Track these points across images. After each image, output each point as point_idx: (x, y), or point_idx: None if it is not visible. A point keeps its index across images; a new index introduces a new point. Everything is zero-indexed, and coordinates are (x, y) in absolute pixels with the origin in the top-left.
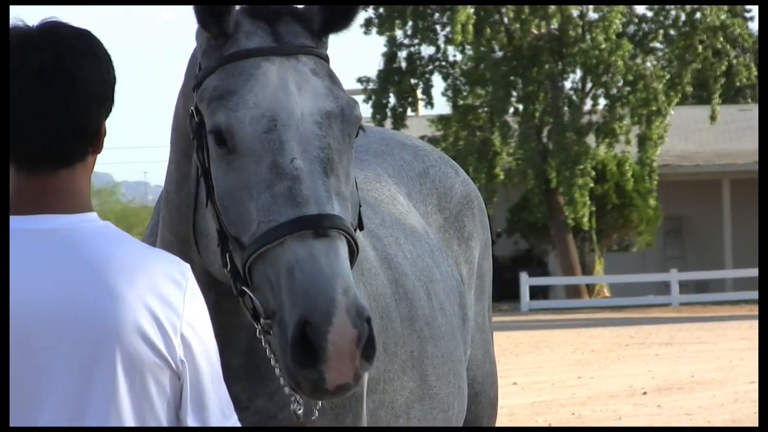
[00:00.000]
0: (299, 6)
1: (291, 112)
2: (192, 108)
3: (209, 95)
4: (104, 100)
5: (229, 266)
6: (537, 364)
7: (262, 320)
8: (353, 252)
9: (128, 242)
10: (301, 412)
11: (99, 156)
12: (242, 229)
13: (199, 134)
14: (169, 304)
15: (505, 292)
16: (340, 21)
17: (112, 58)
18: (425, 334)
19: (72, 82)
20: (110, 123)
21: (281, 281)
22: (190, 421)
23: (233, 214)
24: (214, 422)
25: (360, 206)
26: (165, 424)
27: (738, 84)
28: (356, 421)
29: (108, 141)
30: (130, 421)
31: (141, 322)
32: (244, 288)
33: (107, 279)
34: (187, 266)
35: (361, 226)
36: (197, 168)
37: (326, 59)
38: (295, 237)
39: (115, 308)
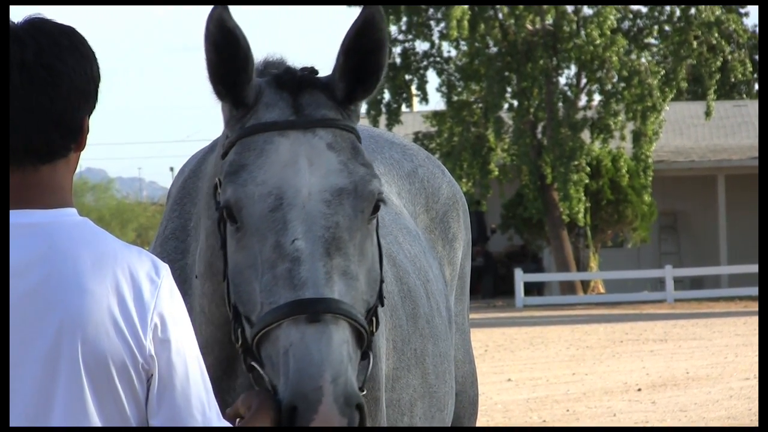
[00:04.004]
0: (322, 76)
1: (298, 190)
2: (217, 179)
3: (226, 169)
4: (87, 96)
5: (240, 341)
6: (531, 360)
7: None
8: (360, 333)
9: (103, 238)
10: None
11: (93, 152)
12: (250, 308)
13: (219, 207)
14: (140, 300)
15: (499, 288)
16: (361, 90)
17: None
18: (426, 333)
19: (54, 77)
20: (105, 119)
21: (279, 363)
22: (155, 420)
23: (242, 292)
24: (189, 424)
25: (382, 281)
26: (133, 422)
27: (733, 80)
28: (375, 424)
29: (102, 137)
30: (94, 416)
31: (108, 317)
32: (253, 363)
33: (77, 274)
34: (165, 266)
35: (381, 301)
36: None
37: (350, 130)
38: (290, 321)
39: (82, 303)
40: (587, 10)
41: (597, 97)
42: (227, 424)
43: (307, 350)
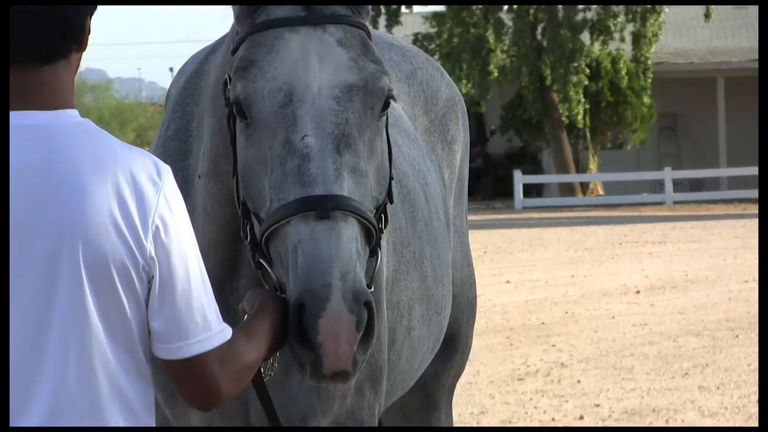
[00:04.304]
0: None
1: (308, 86)
2: (227, 75)
3: (236, 65)
4: None
5: (249, 238)
6: (530, 263)
7: (278, 293)
8: (369, 230)
9: (104, 139)
10: (271, 374)
11: (92, 52)
12: (259, 204)
13: (229, 103)
14: (141, 200)
15: (498, 190)
16: None
17: None
18: (424, 236)
19: None
20: (104, 18)
21: (288, 260)
22: (156, 322)
23: (251, 189)
24: (190, 326)
25: (391, 178)
26: (133, 324)
27: None
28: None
29: (101, 36)
30: (95, 318)
31: (108, 218)
32: (261, 261)
33: (77, 175)
34: (167, 167)
35: (390, 198)
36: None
37: (361, 26)
38: (299, 217)
39: (82, 204)
40: None
41: None
42: (227, 326)
43: (316, 247)
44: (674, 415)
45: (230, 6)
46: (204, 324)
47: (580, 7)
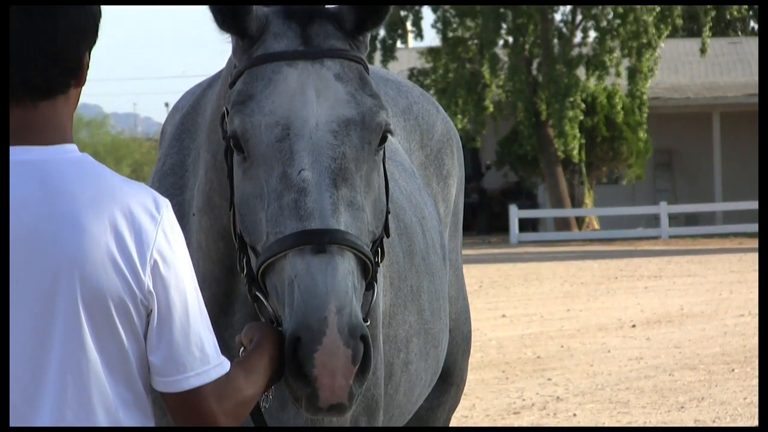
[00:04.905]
0: (331, 6)
1: (305, 120)
2: (225, 108)
3: (234, 99)
4: (86, 32)
5: (245, 271)
6: (526, 297)
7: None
8: (366, 264)
9: (103, 174)
10: (267, 406)
11: (88, 87)
12: (255, 238)
13: (226, 137)
14: (139, 235)
15: (494, 225)
16: (370, 20)
17: None
18: (422, 269)
19: (52, 13)
20: (100, 54)
21: (284, 293)
22: (154, 356)
23: (248, 222)
24: (188, 360)
25: (388, 212)
26: (132, 358)
27: (728, 17)
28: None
29: (97, 72)
30: (93, 353)
31: (106, 254)
32: (257, 294)
33: (74, 211)
34: (166, 201)
35: (387, 232)
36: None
37: (359, 60)
38: (296, 251)
39: (79, 240)
40: None
41: (592, 34)
42: (225, 360)
43: (312, 281)
44: None
45: (228, 42)
46: (202, 357)
47: (576, 41)
